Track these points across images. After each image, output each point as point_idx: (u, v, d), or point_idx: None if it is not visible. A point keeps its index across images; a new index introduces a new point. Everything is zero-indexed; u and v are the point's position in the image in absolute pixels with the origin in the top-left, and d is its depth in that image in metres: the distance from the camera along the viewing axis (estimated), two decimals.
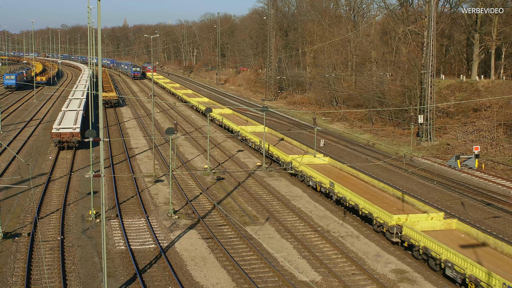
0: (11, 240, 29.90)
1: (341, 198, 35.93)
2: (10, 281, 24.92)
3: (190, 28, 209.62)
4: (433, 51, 57.88)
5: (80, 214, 34.61)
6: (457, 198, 39.75)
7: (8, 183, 40.26)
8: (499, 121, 57.35)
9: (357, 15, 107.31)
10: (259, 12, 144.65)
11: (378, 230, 31.70)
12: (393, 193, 35.75)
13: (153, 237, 30.64)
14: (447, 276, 25.65)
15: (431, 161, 51.85)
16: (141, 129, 69.03)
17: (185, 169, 47.23)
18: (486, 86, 71.77)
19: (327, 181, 38.13)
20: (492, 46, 78.62)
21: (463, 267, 24.14)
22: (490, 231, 32.37)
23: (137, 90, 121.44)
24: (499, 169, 48.11)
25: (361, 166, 47.02)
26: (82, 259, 27.54)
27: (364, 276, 26.24)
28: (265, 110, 48.66)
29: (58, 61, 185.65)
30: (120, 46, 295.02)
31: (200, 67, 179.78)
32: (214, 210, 36.14)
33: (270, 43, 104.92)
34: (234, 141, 61.40)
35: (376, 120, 72.98)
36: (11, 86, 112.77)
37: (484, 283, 22.63)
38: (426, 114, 59.47)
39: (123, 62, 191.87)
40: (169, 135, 38.73)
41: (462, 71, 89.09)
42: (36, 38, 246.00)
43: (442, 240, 27.11)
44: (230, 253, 28.52)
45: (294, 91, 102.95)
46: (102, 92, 26.83)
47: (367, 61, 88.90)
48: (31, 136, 61.74)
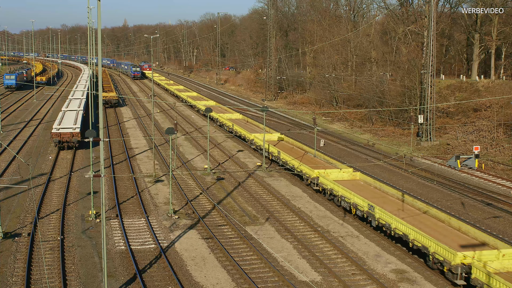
0: (11, 240, 29.89)
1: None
2: (10, 281, 24.92)
3: (190, 28, 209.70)
4: (433, 51, 57.88)
5: (80, 214, 34.60)
6: (457, 198, 39.75)
7: (8, 183, 40.26)
8: (499, 121, 57.36)
9: (357, 15, 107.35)
10: (259, 12, 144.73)
11: (307, 183, 41.47)
12: (324, 159, 45.30)
13: (153, 237, 30.63)
14: (346, 210, 37.05)
15: (431, 161, 51.85)
16: (141, 129, 69.03)
17: (185, 169, 47.23)
18: (486, 86, 71.79)
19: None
20: (492, 46, 78.64)
21: (349, 198, 34.94)
22: (490, 231, 32.38)
23: (137, 90, 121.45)
24: (499, 169, 48.10)
25: (361, 166, 47.02)
26: (82, 259, 27.53)
27: (364, 276, 26.23)
28: (265, 110, 48.67)
29: (58, 61, 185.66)
30: (120, 46, 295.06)
31: (200, 67, 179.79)
32: (214, 210, 36.14)
33: (270, 43, 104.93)
34: (234, 141, 61.40)
35: (376, 120, 72.98)
36: (11, 86, 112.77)
37: (360, 206, 33.46)
38: (426, 114, 59.47)
39: (123, 62, 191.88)
40: (169, 135, 38.73)
41: (462, 71, 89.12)
42: (36, 38, 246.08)
43: (345, 185, 36.83)
44: (230, 253, 28.51)
45: (294, 91, 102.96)
46: (102, 92, 26.82)
47: (367, 61, 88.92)
48: (31, 136, 61.74)
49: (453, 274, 24.63)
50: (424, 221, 30.22)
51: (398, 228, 28.89)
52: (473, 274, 23.35)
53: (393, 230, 29.37)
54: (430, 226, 29.36)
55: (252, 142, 54.84)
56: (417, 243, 27.14)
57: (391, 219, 29.63)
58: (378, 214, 31.01)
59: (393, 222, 29.45)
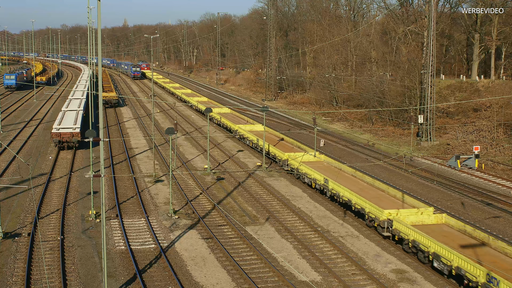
0: (11, 240, 29.90)
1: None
2: (10, 281, 24.92)
3: (190, 28, 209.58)
4: (433, 51, 57.88)
5: (80, 214, 34.60)
6: (457, 198, 39.75)
7: (8, 183, 40.26)
8: (499, 121, 57.35)
9: (357, 15, 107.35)
10: (259, 12, 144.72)
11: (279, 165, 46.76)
12: (296, 145, 50.67)
13: (153, 237, 30.64)
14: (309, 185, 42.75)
15: (431, 161, 51.85)
16: (141, 129, 69.04)
17: (185, 169, 47.23)
18: (486, 86, 71.78)
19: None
20: (492, 46, 78.62)
21: (310, 174, 40.03)
22: (490, 231, 32.38)
23: (137, 90, 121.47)
24: (499, 169, 48.10)
25: (361, 166, 47.01)
26: (82, 259, 27.53)
27: (364, 276, 26.24)
28: (265, 110, 48.70)
29: (58, 61, 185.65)
30: (120, 46, 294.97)
31: (200, 67, 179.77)
32: (214, 210, 36.14)
33: (270, 43, 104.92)
34: (234, 141, 61.41)
35: (376, 120, 72.97)
36: (11, 86, 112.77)
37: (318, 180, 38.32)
38: (426, 114, 59.46)
39: (123, 62, 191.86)
40: (169, 135, 38.73)
41: (462, 71, 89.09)
42: (36, 38, 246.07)
43: (311, 166, 41.50)
44: (230, 253, 28.52)
45: (294, 91, 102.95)
46: (102, 92, 26.82)
47: (367, 61, 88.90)
48: (31, 136, 61.74)
49: (382, 228, 30.70)
50: (368, 191, 36.11)
51: (345, 195, 35.04)
52: (393, 226, 29.71)
53: (341, 198, 35.60)
54: (372, 194, 35.15)
55: (236, 132, 60.58)
56: (357, 206, 33.43)
57: (340, 188, 35.88)
58: (331, 185, 37.15)
59: (341, 191, 35.70)
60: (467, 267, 23.32)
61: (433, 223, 30.17)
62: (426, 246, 26.53)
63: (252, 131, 58.82)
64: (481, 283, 22.05)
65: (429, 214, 30.70)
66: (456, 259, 24.15)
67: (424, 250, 26.72)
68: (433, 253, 25.90)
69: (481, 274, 22.32)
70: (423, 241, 26.82)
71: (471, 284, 22.89)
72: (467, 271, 23.17)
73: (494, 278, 21.18)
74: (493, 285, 21.19)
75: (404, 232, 28.62)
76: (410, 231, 28.10)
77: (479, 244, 26.70)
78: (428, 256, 26.53)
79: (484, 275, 22.09)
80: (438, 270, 26.03)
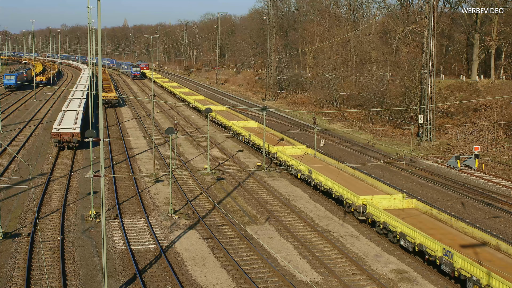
0: (11, 240, 29.90)
1: None
2: (10, 281, 24.92)
3: (190, 28, 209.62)
4: (433, 51, 57.88)
5: (80, 214, 34.61)
6: (457, 198, 39.75)
7: (8, 183, 40.26)
8: (499, 121, 57.35)
9: (357, 15, 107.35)
10: (259, 12, 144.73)
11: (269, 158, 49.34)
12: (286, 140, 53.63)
13: (153, 237, 30.64)
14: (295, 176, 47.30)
15: (431, 161, 51.85)
16: (141, 129, 69.04)
17: (185, 169, 47.24)
18: (486, 86, 71.80)
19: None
20: (492, 46, 78.63)
21: (296, 166, 43.19)
22: (490, 231, 32.39)
23: (137, 90, 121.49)
24: (499, 169, 48.10)
25: (361, 166, 47.02)
26: (82, 259, 27.54)
27: (364, 276, 26.24)
28: (265, 110, 48.71)
29: (58, 61, 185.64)
30: (120, 46, 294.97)
31: (200, 67, 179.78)
32: (214, 210, 36.14)
33: (270, 43, 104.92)
34: (234, 141, 61.43)
35: (376, 120, 72.98)
36: (11, 86, 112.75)
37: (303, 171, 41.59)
38: (426, 114, 59.47)
39: (123, 62, 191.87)
40: (169, 135, 38.72)
41: (462, 71, 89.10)
42: (36, 38, 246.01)
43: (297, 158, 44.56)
44: (230, 253, 28.52)
45: (294, 91, 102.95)
46: (102, 92, 26.83)
47: (367, 61, 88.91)
48: (31, 136, 61.74)
49: (358, 212, 33.44)
50: (349, 180, 39.02)
51: (326, 184, 38.07)
52: (367, 210, 32.43)
53: (323, 186, 38.50)
54: (352, 183, 38.10)
55: (230, 129, 63.50)
56: (337, 193, 36.34)
57: (322, 178, 38.80)
58: (314, 176, 40.04)
59: (323, 180, 38.63)
60: (427, 243, 26.44)
61: (404, 208, 33.40)
62: (394, 226, 29.43)
63: (245, 127, 62.04)
64: (438, 256, 25.49)
65: (401, 199, 33.73)
66: (418, 237, 27.26)
67: (392, 231, 29.63)
68: (400, 233, 28.86)
69: (439, 249, 25.57)
70: (392, 222, 29.77)
71: (431, 258, 26.26)
72: (427, 247, 26.41)
73: (449, 251, 24.81)
74: (448, 258, 24.74)
75: (376, 215, 31.48)
76: (381, 214, 30.97)
77: (443, 224, 30.16)
78: (396, 236, 29.37)
79: (441, 250, 25.34)
80: (404, 248, 28.94)
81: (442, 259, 25.21)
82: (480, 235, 27.50)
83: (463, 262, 23.79)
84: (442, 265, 25.38)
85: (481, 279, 22.40)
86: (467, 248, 26.14)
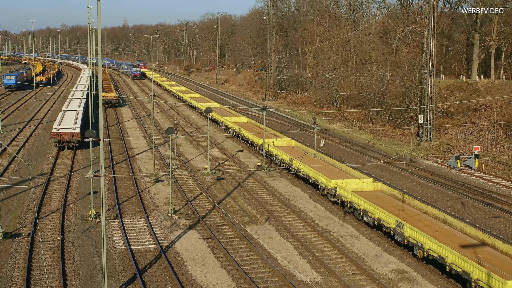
0: (11, 240, 29.90)
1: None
2: (10, 281, 24.93)
3: (190, 28, 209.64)
4: (433, 51, 57.88)
5: (80, 214, 34.61)
6: (457, 198, 39.75)
7: (8, 183, 40.26)
8: (499, 121, 57.35)
9: (357, 15, 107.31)
10: (259, 12, 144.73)
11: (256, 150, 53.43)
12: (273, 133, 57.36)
13: (153, 237, 30.64)
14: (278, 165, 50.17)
15: (431, 161, 51.85)
16: (141, 129, 69.04)
17: (185, 169, 47.24)
18: (486, 86, 71.80)
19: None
20: (492, 46, 78.63)
21: (279, 155, 47.30)
22: (490, 231, 32.39)
23: (137, 90, 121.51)
24: (499, 169, 48.10)
25: (361, 166, 47.02)
26: (82, 259, 27.54)
27: (364, 276, 26.24)
28: (265, 110, 48.72)
29: (58, 61, 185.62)
30: (120, 46, 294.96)
31: (200, 67, 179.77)
32: (214, 210, 36.15)
33: (270, 43, 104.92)
34: (234, 141, 61.44)
35: (376, 120, 72.97)
36: (11, 86, 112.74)
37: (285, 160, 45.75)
38: (426, 114, 59.46)
39: (123, 62, 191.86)
40: (169, 135, 38.73)
41: (462, 71, 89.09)
42: (36, 38, 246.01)
43: (282, 149, 48.24)
44: (230, 253, 28.52)
45: (294, 91, 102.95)
46: (102, 92, 26.83)
47: (367, 61, 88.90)
48: (31, 136, 61.74)
49: (330, 195, 37.58)
50: (326, 168, 42.70)
51: (305, 171, 41.98)
52: (337, 192, 36.54)
53: (301, 173, 42.59)
54: (328, 170, 41.87)
55: (222, 123, 67.58)
56: (313, 178, 40.42)
57: (302, 166, 42.75)
58: (294, 163, 44.22)
59: (301, 167, 42.70)
60: (384, 217, 30.89)
61: (371, 190, 37.67)
62: (358, 205, 33.73)
63: (236, 122, 66.11)
64: (392, 228, 29.96)
65: (368, 183, 38.01)
66: (377, 213, 31.58)
67: (357, 208, 33.87)
68: (363, 210, 33.16)
69: (392, 221, 30.07)
70: (356, 201, 34.02)
71: (386, 230, 30.62)
72: (384, 220, 30.82)
73: (400, 223, 29.38)
74: (399, 228, 29.24)
75: (345, 196, 35.66)
76: (348, 195, 35.22)
77: (402, 203, 34.40)
78: (360, 213, 33.56)
79: (394, 222, 29.88)
80: (367, 224, 33.11)
81: (395, 230, 29.56)
82: (432, 210, 32.05)
83: (410, 231, 28.21)
84: (395, 235, 29.62)
85: (424, 244, 26.98)
86: (418, 221, 30.65)
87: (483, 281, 22.60)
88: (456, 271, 24.44)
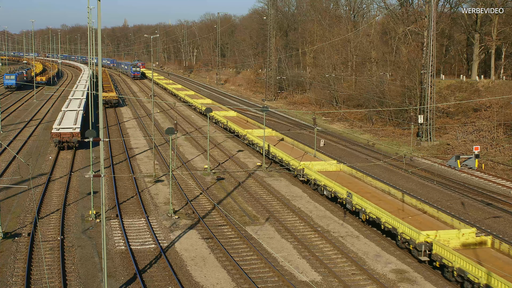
0: (11, 240, 29.90)
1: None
2: (10, 281, 24.93)
3: (190, 28, 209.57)
4: (433, 51, 57.88)
5: (80, 214, 34.61)
6: (457, 198, 39.75)
7: (8, 183, 40.26)
8: (499, 121, 57.34)
9: (357, 15, 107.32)
10: (259, 12, 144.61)
11: (242, 141, 58.16)
12: (256, 125, 63.15)
13: (153, 237, 30.64)
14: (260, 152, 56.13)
15: (431, 161, 51.85)
16: (141, 129, 69.04)
17: (185, 169, 47.24)
18: (486, 86, 71.76)
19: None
20: (492, 46, 78.61)
21: (260, 144, 51.86)
22: (490, 231, 32.38)
23: (137, 90, 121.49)
24: (499, 169, 48.10)
25: (361, 166, 47.03)
26: (82, 259, 27.54)
27: (364, 276, 26.24)
28: (265, 110, 48.71)
29: (58, 61, 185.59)
30: (120, 46, 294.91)
31: (200, 67, 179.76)
32: (214, 210, 36.15)
33: (270, 43, 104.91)
34: (234, 141, 61.44)
35: (376, 120, 72.97)
36: (11, 86, 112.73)
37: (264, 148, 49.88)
38: (426, 114, 59.46)
39: (123, 62, 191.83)
40: (169, 135, 38.72)
41: (462, 71, 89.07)
42: (36, 38, 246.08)
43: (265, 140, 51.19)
44: (230, 253, 28.52)
45: (294, 91, 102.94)
46: (102, 92, 26.82)
47: (367, 61, 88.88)
48: (31, 136, 61.74)
49: (299, 175, 42.89)
50: (299, 154, 47.85)
51: (279, 155, 47.76)
52: (305, 172, 42.07)
53: (277, 157, 48.10)
54: (300, 155, 46.99)
55: (212, 118, 71.85)
56: (286, 162, 45.96)
57: (276, 151, 48.49)
58: (271, 150, 49.54)
59: (277, 153, 48.26)
60: (338, 190, 36.66)
61: (334, 170, 43.37)
62: (320, 181, 39.57)
63: (226, 116, 71.13)
64: (344, 198, 35.65)
65: (332, 164, 43.95)
66: (334, 187, 37.32)
67: (319, 184, 39.63)
68: (323, 185, 38.91)
69: (344, 192, 35.82)
70: (319, 178, 39.81)
71: (340, 200, 36.42)
72: (338, 192, 36.61)
73: (350, 193, 35.15)
74: (349, 198, 34.93)
75: (310, 174, 41.46)
76: (313, 173, 41.01)
77: (358, 180, 40.31)
78: (321, 188, 39.23)
79: (346, 193, 35.58)
80: (327, 197, 38.71)
81: (346, 200, 35.23)
82: (380, 185, 38.22)
83: (357, 199, 33.94)
84: (347, 204, 35.26)
85: (366, 209, 32.83)
86: (366, 193, 36.32)
87: (406, 233, 28.73)
88: (388, 228, 30.51)
